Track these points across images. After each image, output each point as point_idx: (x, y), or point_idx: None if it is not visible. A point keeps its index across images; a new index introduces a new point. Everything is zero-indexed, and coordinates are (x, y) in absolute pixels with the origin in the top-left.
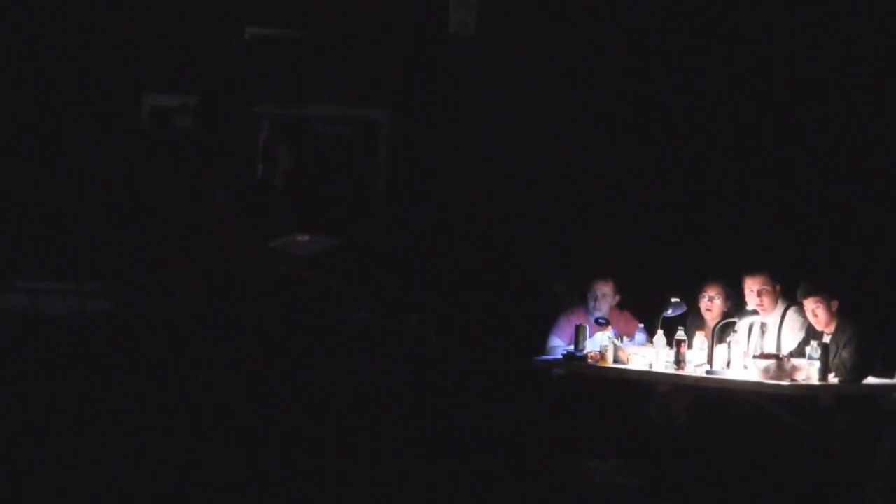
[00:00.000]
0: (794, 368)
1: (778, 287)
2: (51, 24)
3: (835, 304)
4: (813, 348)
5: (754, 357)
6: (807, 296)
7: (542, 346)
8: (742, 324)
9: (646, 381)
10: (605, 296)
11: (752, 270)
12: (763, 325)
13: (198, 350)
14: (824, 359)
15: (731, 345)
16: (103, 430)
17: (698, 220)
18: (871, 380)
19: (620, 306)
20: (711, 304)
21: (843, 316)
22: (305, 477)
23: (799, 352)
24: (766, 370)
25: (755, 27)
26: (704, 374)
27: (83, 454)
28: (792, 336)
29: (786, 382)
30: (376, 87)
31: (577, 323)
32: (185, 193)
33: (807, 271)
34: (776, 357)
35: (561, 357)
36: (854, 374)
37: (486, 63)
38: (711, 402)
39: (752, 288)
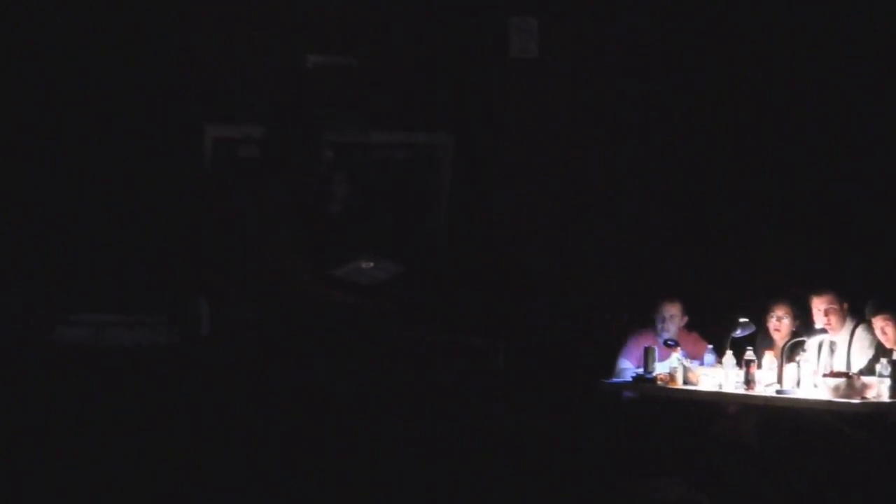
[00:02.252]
0: (865, 386)
1: (846, 305)
2: (116, 55)
3: None
4: (883, 365)
5: (824, 375)
6: (875, 313)
7: (610, 368)
8: (811, 342)
9: (715, 402)
10: (672, 317)
11: (820, 289)
12: (832, 344)
13: (259, 380)
14: (895, 376)
15: (801, 364)
16: (170, 460)
17: (766, 241)
18: None
19: (689, 327)
20: (780, 323)
21: None
22: (371, 496)
23: (869, 369)
24: (836, 388)
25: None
26: (774, 394)
27: (150, 485)
28: (861, 354)
29: (856, 400)
30: (437, 112)
31: (646, 345)
32: (248, 223)
33: (874, 289)
34: (846, 375)
35: (630, 379)
36: None
37: (548, 87)
38: (781, 422)
39: (819, 307)
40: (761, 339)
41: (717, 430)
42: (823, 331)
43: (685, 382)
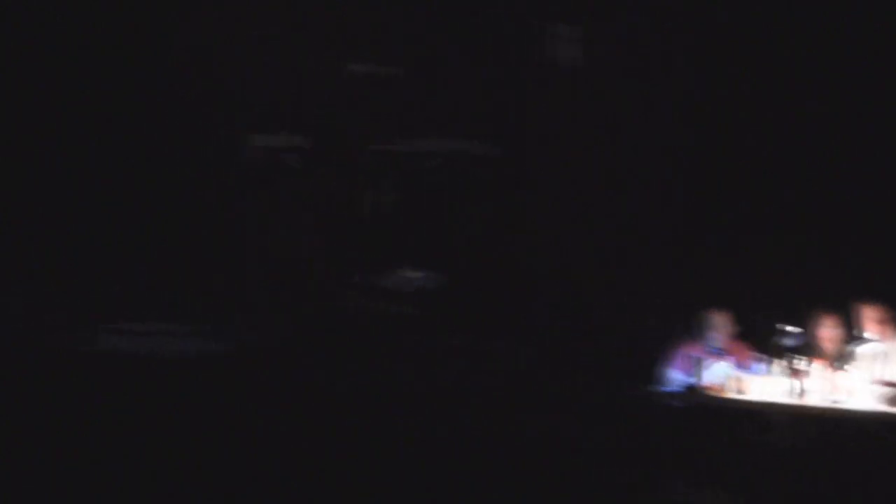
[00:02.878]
0: None
1: None
2: (161, 67)
3: None
4: None
5: (874, 384)
6: None
7: (649, 375)
8: (861, 352)
9: (765, 412)
10: (722, 326)
11: (870, 299)
12: (883, 353)
13: (303, 386)
14: None
15: (851, 373)
16: (219, 469)
17: (817, 249)
18: None
19: (738, 337)
20: (830, 332)
21: None
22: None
23: None
24: (887, 397)
25: None
26: (824, 403)
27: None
28: None
29: None
30: (479, 120)
31: (695, 354)
32: (293, 231)
33: None
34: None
35: (679, 389)
36: None
37: (586, 95)
38: (831, 431)
39: (870, 316)
40: (811, 349)
41: (766, 440)
42: (874, 340)
43: (735, 392)
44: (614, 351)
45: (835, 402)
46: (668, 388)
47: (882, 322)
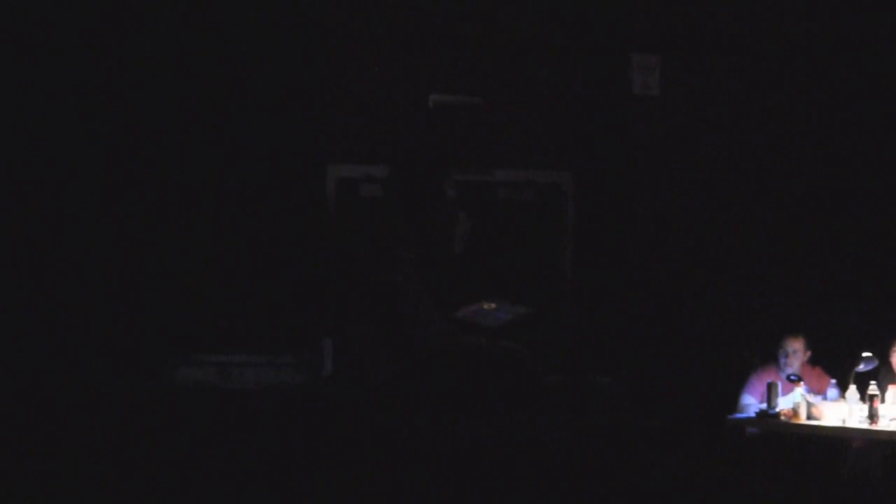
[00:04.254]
0: None
1: None
2: (237, 96)
3: None
4: None
5: None
6: None
7: (733, 404)
8: None
9: (840, 437)
10: (795, 352)
11: None
12: None
13: (387, 420)
14: None
15: None
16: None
17: (888, 274)
18: None
19: (812, 362)
20: None
21: None
22: None
23: None
24: None
25: None
26: None
27: None
28: None
29: None
30: (560, 150)
31: (769, 380)
32: (372, 264)
33: None
34: None
35: (754, 415)
36: None
37: (670, 124)
38: None
39: None
40: (885, 374)
41: (841, 466)
42: None
43: (809, 418)
44: (708, 382)
45: None
46: (743, 415)
47: None
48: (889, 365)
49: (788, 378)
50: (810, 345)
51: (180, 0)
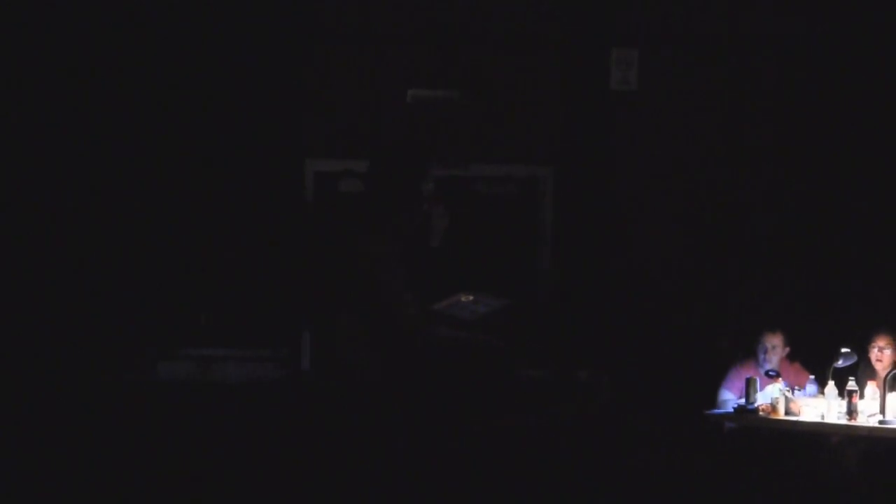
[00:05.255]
0: None
1: None
2: (214, 91)
3: None
4: None
5: None
6: None
7: (711, 399)
8: None
9: (818, 433)
10: (774, 347)
11: None
12: None
13: (368, 413)
14: None
15: None
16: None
17: (868, 270)
18: None
19: (790, 358)
20: (882, 354)
21: None
22: None
23: None
24: None
25: None
26: (877, 424)
27: None
28: None
29: None
30: (538, 145)
31: (748, 375)
32: (350, 257)
33: None
34: None
35: (732, 410)
36: None
37: (648, 119)
38: (884, 452)
39: None
40: (863, 370)
41: (819, 462)
42: None
43: (787, 413)
44: (686, 377)
45: (886, 423)
46: (721, 410)
47: None
48: (867, 361)
49: (767, 373)
50: (789, 340)
51: None
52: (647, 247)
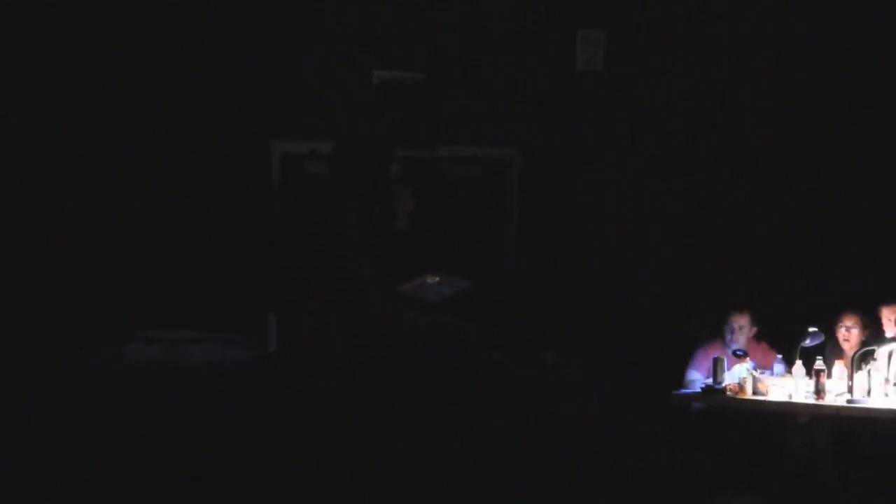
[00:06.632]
0: None
1: None
2: (181, 72)
3: None
4: None
5: (895, 384)
6: None
7: (679, 379)
8: (881, 352)
9: (785, 413)
10: (741, 328)
11: (890, 299)
12: None
13: (336, 397)
14: None
15: (871, 373)
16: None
17: (835, 250)
18: None
19: (758, 338)
20: (849, 333)
21: None
22: None
23: None
24: None
25: None
26: (845, 404)
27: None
28: None
29: None
30: (505, 126)
31: (715, 356)
32: (318, 239)
33: None
34: None
35: (700, 390)
36: None
37: (615, 100)
38: (852, 432)
39: (889, 316)
40: (831, 349)
41: (787, 441)
42: (894, 339)
43: (755, 393)
44: (655, 357)
45: (854, 402)
46: (688, 391)
47: None
48: (835, 340)
49: (734, 353)
50: (756, 320)
51: None
52: (613, 227)
